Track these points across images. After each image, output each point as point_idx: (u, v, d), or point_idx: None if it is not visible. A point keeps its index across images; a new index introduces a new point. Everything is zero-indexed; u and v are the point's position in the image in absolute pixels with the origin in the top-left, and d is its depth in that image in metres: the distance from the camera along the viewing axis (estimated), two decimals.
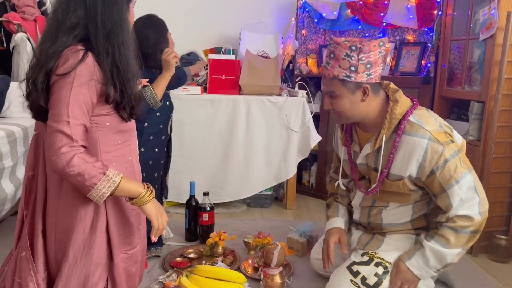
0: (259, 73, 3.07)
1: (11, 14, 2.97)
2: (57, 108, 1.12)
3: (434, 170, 1.52)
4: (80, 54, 1.14)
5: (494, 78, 2.24)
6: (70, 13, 1.18)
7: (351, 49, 1.48)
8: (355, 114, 1.58)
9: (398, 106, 1.55)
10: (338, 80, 1.52)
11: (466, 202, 1.52)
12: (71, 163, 1.10)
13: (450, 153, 1.50)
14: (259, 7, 3.68)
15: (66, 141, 1.11)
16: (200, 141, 3.02)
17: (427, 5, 2.99)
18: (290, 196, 3.18)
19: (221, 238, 2.19)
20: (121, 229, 1.30)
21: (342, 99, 1.54)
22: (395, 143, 1.55)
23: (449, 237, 1.52)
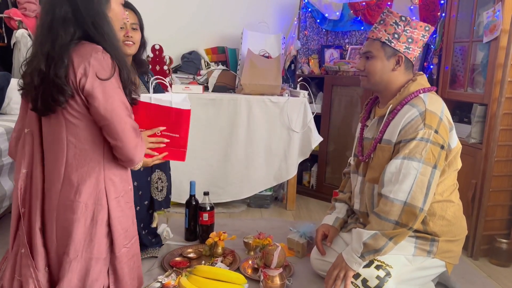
0: (260, 72, 3.06)
1: (13, 10, 2.96)
2: (118, 110, 1.23)
3: (402, 140, 1.55)
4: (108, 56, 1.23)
5: (498, 81, 2.23)
6: (57, 8, 1.22)
7: (401, 19, 1.60)
8: (381, 80, 1.65)
9: (415, 84, 1.63)
10: (380, 42, 1.62)
11: (397, 183, 1.50)
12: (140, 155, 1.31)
13: (422, 135, 1.51)
14: (262, 6, 3.67)
15: (135, 143, 1.28)
16: (200, 141, 3.00)
17: (430, 6, 2.98)
18: (291, 196, 3.17)
19: (220, 238, 2.17)
20: (122, 222, 1.32)
21: (377, 60, 1.63)
22: (395, 110, 1.62)
23: (372, 221, 1.56)
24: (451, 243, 1.71)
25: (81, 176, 1.24)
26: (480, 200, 2.32)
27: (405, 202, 1.49)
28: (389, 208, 1.50)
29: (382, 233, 1.53)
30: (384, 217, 1.52)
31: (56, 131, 1.26)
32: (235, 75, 3.30)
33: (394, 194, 1.51)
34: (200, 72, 3.39)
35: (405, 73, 1.66)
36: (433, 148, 1.52)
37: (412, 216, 1.51)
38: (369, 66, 1.66)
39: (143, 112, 1.50)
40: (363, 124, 1.85)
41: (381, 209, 1.53)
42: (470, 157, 2.36)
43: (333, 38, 3.70)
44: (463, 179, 2.30)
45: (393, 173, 1.53)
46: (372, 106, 1.86)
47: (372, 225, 1.55)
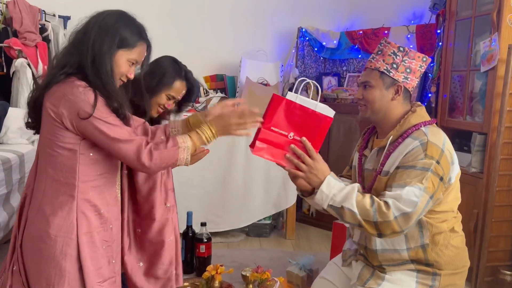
0: (259, 100, 3.06)
1: (13, 40, 2.98)
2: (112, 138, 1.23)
3: (400, 166, 1.53)
4: (91, 90, 1.23)
5: (496, 110, 2.22)
6: (72, 37, 1.31)
7: (399, 49, 1.60)
8: (380, 109, 1.64)
9: (415, 116, 1.62)
10: (378, 71, 1.62)
11: (400, 201, 1.47)
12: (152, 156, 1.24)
13: (423, 165, 1.49)
14: (260, 35, 3.71)
15: (136, 147, 1.24)
16: (198, 169, 2.97)
17: (427, 35, 3.01)
18: (290, 225, 3.13)
19: (218, 272, 2.12)
20: (93, 258, 1.29)
21: (376, 90, 1.63)
22: (396, 143, 1.60)
23: (364, 199, 1.49)
24: (454, 276, 1.66)
25: (54, 207, 1.24)
26: (482, 231, 2.28)
27: (395, 218, 1.47)
28: (385, 211, 1.47)
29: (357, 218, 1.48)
30: (373, 210, 1.47)
31: (43, 157, 1.28)
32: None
33: (396, 207, 1.47)
34: (199, 99, 3.39)
35: (403, 103, 1.66)
36: (433, 178, 1.50)
37: (389, 231, 1.49)
38: (368, 95, 1.66)
39: (283, 111, 1.44)
40: (360, 154, 1.82)
41: (380, 204, 1.49)
42: (471, 187, 2.33)
43: (331, 66, 3.72)
44: (464, 209, 2.25)
45: (397, 196, 1.49)
46: (369, 136, 1.84)
47: (364, 200, 1.49)
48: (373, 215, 1.48)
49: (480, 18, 2.40)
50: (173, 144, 1.30)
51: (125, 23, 1.33)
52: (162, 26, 3.56)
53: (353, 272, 1.78)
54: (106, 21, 1.30)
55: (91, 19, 1.31)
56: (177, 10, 3.62)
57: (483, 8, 2.38)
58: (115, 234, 1.37)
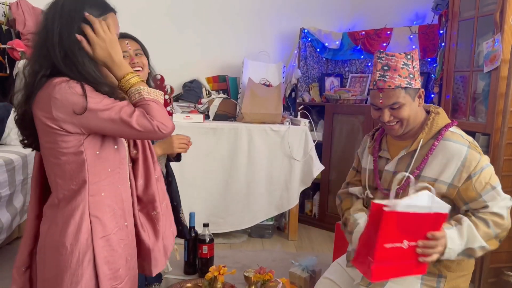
0: (261, 101, 3.06)
1: (16, 41, 2.99)
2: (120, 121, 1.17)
3: (471, 175, 1.54)
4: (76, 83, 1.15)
5: (500, 111, 2.21)
6: (35, 41, 1.22)
7: (407, 58, 1.60)
8: (414, 120, 1.64)
9: (440, 117, 1.63)
10: (401, 88, 1.58)
11: (501, 201, 1.53)
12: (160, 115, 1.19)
13: (485, 162, 1.55)
14: (262, 36, 3.71)
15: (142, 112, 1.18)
16: (201, 170, 2.98)
17: (430, 36, 3.01)
18: (292, 226, 3.12)
19: (220, 273, 2.12)
20: (110, 262, 1.27)
21: (406, 106, 1.59)
22: (433, 146, 1.59)
23: (479, 225, 1.50)
24: (459, 279, 1.66)
25: (65, 216, 1.21)
26: None
27: (506, 218, 1.53)
28: (500, 221, 1.51)
29: (488, 247, 1.50)
30: (492, 226, 1.51)
31: (50, 171, 1.24)
32: (236, 104, 3.30)
33: (503, 210, 1.53)
34: (201, 100, 3.40)
35: (421, 105, 1.69)
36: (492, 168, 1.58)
37: (505, 233, 1.54)
38: (400, 114, 1.61)
39: (395, 224, 1.28)
40: (375, 156, 1.79)
41: (490, 218, 1.51)
42: None
43: (333, 66, 3.72)
44: None
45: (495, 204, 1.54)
46: (381, 137, 1.81)
47: (480, 228, 1.49)
48: (494, 232, 1.51)
49: (483, 19, 2.40)
50: None
51: (84, 1, 1.23)
52: (164, 27, 3.57)
53: (357, 272, 1.78)
54: (64, 8, 1.19)
55: (47, 13, 1.20)
56: (180, 11, 3.63)
57: (486, 8, 2.38)
58: (130, 230, 1.34)
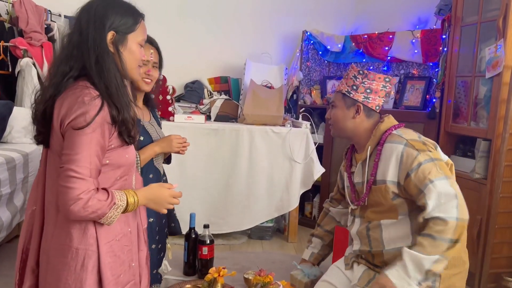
0: (263, 103, 3.06)
1: (18, 39, 2.99)
2: (76, 154, 1.15)
3: (409, 173, 1.59)
4: (98, 103, 1.16)
5: (501, 117, 2.22)
6: (67, 41, 1.23)
7: (359, 72, 1.76)
8: (344, 127, 1.78)
9: (384, 124, 1.74)
10: (341, 93, 1.78)
11: (443, 204, 1.52)
12: (87, 205, 1.15)
13: (424, 158, 1.58)
14: (265, 38, 3.72)
15: (84, 187, 1.14)
16: (202, 170, 2.98)
17: (432, 40, 3.01)
18: (292, 228, 3.12)
19: (220, 274, 2.12)
20: (113, 268, 1.27)
21: (338, 109, 1.78)
22: (378, 152, 1.70)
23: (424, 243, 1.51)
24: (454, 277, 1.66)
25: (72, 220, 1.20)
26: (486, 237, 2.28)
27: (457, 218, 1.51)
28: (444, 227, 1.50)
29: (442, 256, 1.50)
30: (439, 237, 1.50)
31: (53, 172, 1.23)
32: (237, 105, 3.30)
33: (445, 213, 1.51)
34: (203, 101, 3.40)
35: (368, 120, 1.77)
36: (439, 163, 1.59)
37: (463, 229, 1.52)
38: (333, 115, 1.82)
39: None
40: (349, 173, 1.90)
41: (434, 229, 1.51)
42: (475, 193, 2.33)
43: (335, 69, 3.72)
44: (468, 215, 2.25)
45: (435, 198, 1.53)
46: (351, 154, 1.92)
47: (425, 247, 1.51)
48: (444, 240, 1.49)
49: (485, 24, 2.40)
50: (111, 201, 1.20)
51: (116, 7, 1.26)
52: (167, 27, 3.56)
53: (354, 274, 1.80)
54: (97, 13, 1.22)
55: (81, 16, 1.23)
56: (182, 12, 3.63)
57: (489, 14, 2.38)
58: (133, 236, 1.35)
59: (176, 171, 2.92)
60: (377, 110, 1.76)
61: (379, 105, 1.76)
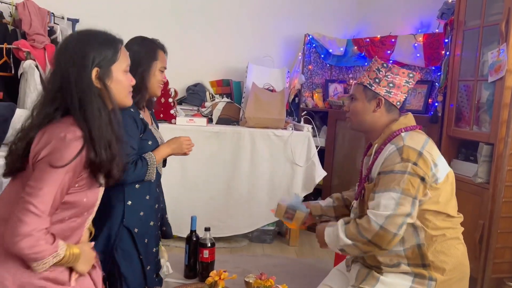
0: (265, 106, 3.06)
1: (21, 41, 3.00)
2: (40, 189, 1.12)
3: (380, 172, 1.62)
4: (78, 144, 1.14)
5: (504, 121, 2.21)
6: (50, 84, 1.22)
7: (383, 65, 1.73)
8: (364, 120, 1.75)
9: (397, 123, 1.71)
10: (362, 85, 1.74)
11: (378, 210, 1.56)
12: (36, 243, 1.11)
13: (400, 168, 1.57)
14: (267, 41, 3.72)
15: (38, 225, 1.11)
16: (203, 173, 2.98)
17: (435, 44, 3.01)
18: (293, 232, 3.11)
19: (221, 278, 2.11)
20: None
21: (358, 102, 1.74)
22: (380, 150, 1.69)
23: (351, 228, 1.61)
24: (450, 282, 1.65)
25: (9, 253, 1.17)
26: (488, 242, 2.26)
27: (381, 226, 1.54)
28: (367, 227, 1.56)
29: (356, 246, 1.59)
30: (361, 231, 1.58)
31: (14, 203, 1.18)
32: (239, 108, 3.30)
33: (374, 216, 1.56)
34: (205, 104, 3.40)
35: (387, 115, 1.74)
36: (411, 178, 1.55)
37: (384, 240, 1.55)
38: (352, 107, 1.78)
39: None
40: (361, 166, 1.90)
41: (361, 223, 1.58)
42: (477, 197, 2.32)
43: (337, 72, 3.72)
44: (470, 219, 2.25)
45: (375, 204, 1.59)
46: (371, 145, 1.89)
47: (349, 230, 1.61)
48: (362, 236, 1.57)
49: (488, 28, 2.40)
50: (55, 247, 1.16)
51: (93, 42, 1.23)
52: (168, 31, 3.57)
53: (351, 273, 1.80)
54: (76, 54, 1.20)
55: (59, 58, 1.22)
56: (184, 15, 3.64)
57: (492, 18, 2.38)
58: None
59: (177, 173, 2.92)
60: (398, 106, 1.72)
61: (400, 101, 1.72)
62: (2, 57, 3.00)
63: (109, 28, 1.32)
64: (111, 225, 1.81)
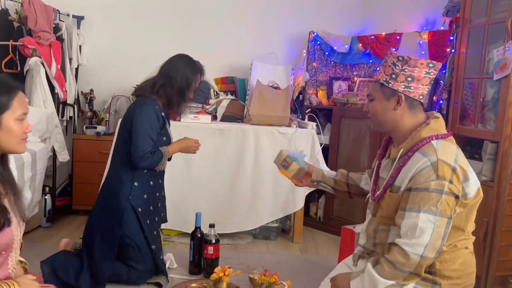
0: (269, 103, 3.07)
1: (27, 38, 3.02)
2: None
3: (412, 188, 1.50)
4: None
5: (509, 119, 2.21)
6: None
7: (398, 59, 1.59)
8: (385, 120, 1.64)
9: (427, 129, 1.57)
10: (378, 83, 1.63)
11: (414, 237, 1.47)
12: None
13: (436, 187, 1.46)
14: (271, 38, 3.72)
15: None
16: (207, 170, 2.99)
17: (440, 42, 3.00)
18: (297, 229, 3.12)
19: (225, 274, 2.12)
20: None
21: (377, 102, 1.63)
22: (407, 157, 1.57)
23: (385, 267, 1.51)
24: (455, 287, 1.65)
25: None
26: (492, 240, 2.26)
27: (421, 256, 1.47)
28: (406, 261, 1.48)
29: (397, 283, 1.51)
30: (399, 268, 1.49)
31: None
32: (243, 105, 3.31)
33: (411, 247, 1.48)
34: (209, 101, 3.41)
35: (410, 113, 1.62)
36: (448, 199, 1.47)
37: (424, 267, 1.50)
38: (371, 108, 1.68)
39: None
40: (379, 162, 1.81)
41: (396, 259, 1.50)
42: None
43: (342, 70, 3.72)
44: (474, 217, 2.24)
45: (409, 226, 1.49)
46: (388, 144, 1.82)
47: (385, 271, 1.52)
48: (403, 271, 1.49)
49: (494, 26, 2.39)
50: None
51: None
52: (173, 28, 3.59)
53: (358, 268, 1.79)
54: None
55: None
56: (189, 12, 3.65)
57: (497, 16, 2.37)
58: None
59: (182, 171, 2.94)
60: (421, 99, 1.61)
61: (422, 94, 1.60)
62: (8, 54, 3.02)
63: (115, 25, 1.31)
64: (118, 201, 2.17)
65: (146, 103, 2.20)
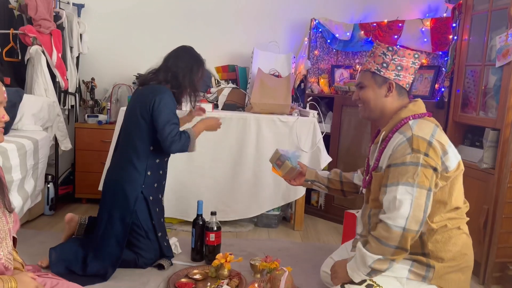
0: (270, 92, 3.06)
1: (28, 27, 3.01)
2: None
3: (390, 165, 1.60)
4: None
5: (510, 106, 2.20)
6: None
7: (388, 49, 1.70)
8: (376, 107, 1.73)
9: (405, 111, 1.68)
10: (370, 72, 1.72)
11: (394, 210, 1.53)
12: None
13: (411, 160, 1.55)
14: (272, 26, 3.70)
15: None
16: (209, 159, 3.00)
17: (442, 29, 2.98)
18: (298, 216, 3.14)
19: (227, 260, 2.15)
20: None
21: (369, 89, 1.72)
22: (387, 138, 1.67)
23: (372, 244, 1.58)
24: (450, 271, 1.66)
25: None
26: (492, 227, 2.27)
27: (404, 228, 1.52)
28: (389, 235, 1.53)
29: (385, 258, 1.56)
30: (384, 242, 1.55)
31: None
32: (245, 94, 3.31)
33: (393, 221, 1.53)
34: (210, 90, 3.40)
35: (398, 99, 1.72)
36: (424, 170, 1.54)
37: (409, 240, 1.55)
38: (363, 95, 1.75)
39: None
40: (369, 153, 1.89)
41: (381, 234, 1.55)
42: (482, 182, 2.32)
43: (343, 58, 3.70)
44: (475, 204, 2.26)
45: (389, 200, 1.56)
46: (379, 132, 1.88)
47: (372, 247, 1.58)
48: (388, 246, 1.54)
49: (496, 12, 2.37)
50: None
51: None
52: (173, 17, 3.57)
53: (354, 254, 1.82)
54: None
55: None
56: (189, 0, 3.62)
57: (500, 2, 2.35)
58: None
59: (184, 159, 2.95)
60: (407, 88, 1.72)
61: (409, 83, 1.72)
62: (9, 43, 3.02)
63: (115, 13, 1.30)
64: (132, 190, 2.22)
65: (164, 91, 2.25)
